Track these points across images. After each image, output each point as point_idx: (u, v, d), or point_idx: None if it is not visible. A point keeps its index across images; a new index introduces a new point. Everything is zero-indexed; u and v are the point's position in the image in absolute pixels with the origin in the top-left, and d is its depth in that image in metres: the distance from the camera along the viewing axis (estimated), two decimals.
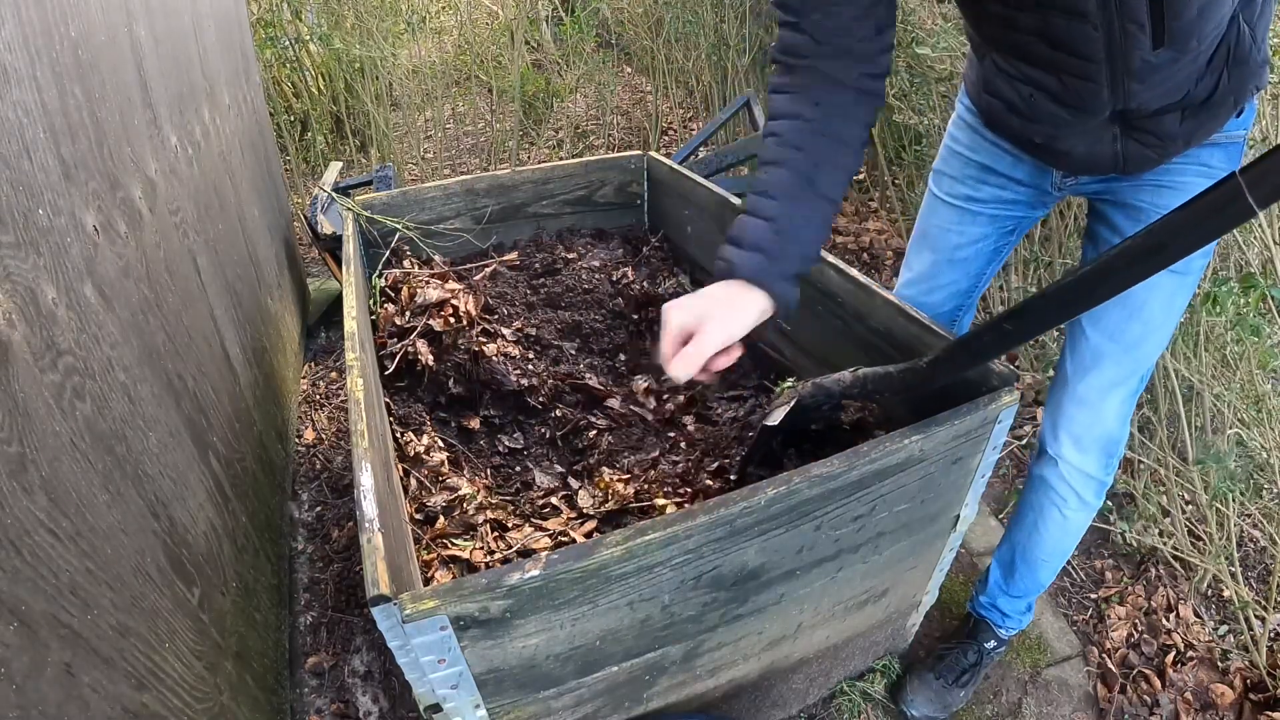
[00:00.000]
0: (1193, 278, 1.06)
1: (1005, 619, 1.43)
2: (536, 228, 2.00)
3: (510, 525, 1.21)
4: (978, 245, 1.24)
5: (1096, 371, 1.13)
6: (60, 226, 0.86)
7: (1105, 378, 1.13)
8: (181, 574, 1.03)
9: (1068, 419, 1.18)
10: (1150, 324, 1.08)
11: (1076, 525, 1.26)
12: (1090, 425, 1.16)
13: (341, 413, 2.23)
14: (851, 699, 1.40)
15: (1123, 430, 1.17)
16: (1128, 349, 1.10)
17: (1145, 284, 0.97)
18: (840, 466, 0.91)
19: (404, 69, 3.73)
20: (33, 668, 0.66)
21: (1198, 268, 1.06)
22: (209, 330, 1.42)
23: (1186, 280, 1.06)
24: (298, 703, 1.44)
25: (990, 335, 0.85)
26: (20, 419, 0.71)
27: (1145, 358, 1.11)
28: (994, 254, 1.27)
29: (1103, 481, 1.20)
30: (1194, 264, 1.05)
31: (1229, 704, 1.41)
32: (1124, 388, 1.13)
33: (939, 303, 1.32)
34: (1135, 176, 1.04)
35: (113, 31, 1.16)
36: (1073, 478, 1.20)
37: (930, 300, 1.32)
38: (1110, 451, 1.18)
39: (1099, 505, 1.24)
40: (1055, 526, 1.26)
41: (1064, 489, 1.22)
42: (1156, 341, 1.10)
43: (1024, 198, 1.17)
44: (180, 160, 1.44)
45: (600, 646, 0.92)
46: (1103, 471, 1.19)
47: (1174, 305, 1.07)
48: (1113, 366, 1.12)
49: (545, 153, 4.04)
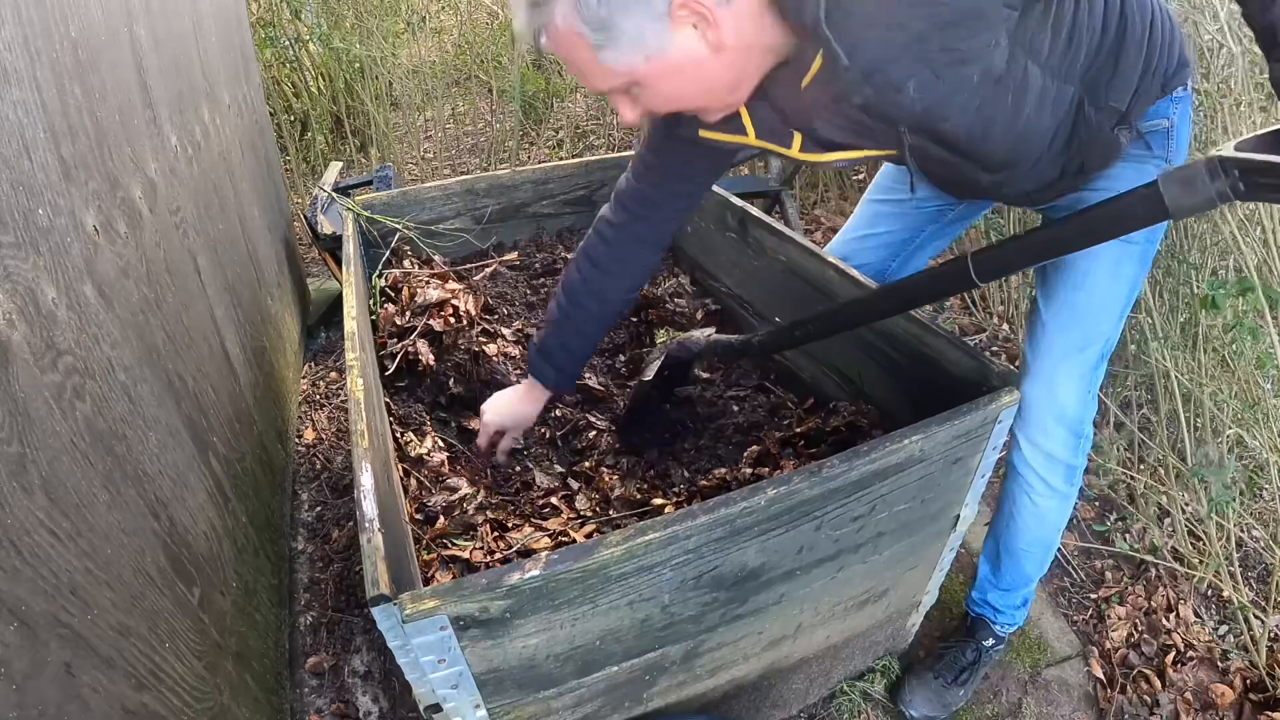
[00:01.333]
0: (1136, 249, 1.07)
1: (999, 614, 1.43)
2: (536, 228, 2.00)
3: (510, 525, 1.21)
4: (918, 200, 1.30)
5: (1047, 344, 1.15)
6: (60, 226, 0.86)
7: (1056, 349, 1.14)
8: (181, 574, 1.03)
9: (1026, 400, 1.17)
10: (1095, 292, 1.10)
11: (1050, 512, 1.25)
12: (1047, 402, 1.15)
13: (341, 413, 2.23)
14: (851, 699, 1.40)
15: (1083, 409, 1.16)
16: (1076, 318, 1.12)
17: (1088, 253, 1.05)
18: (840, 466, 0.91)
19: (404, 69, 3.73)
20: (33, 668, 0.66)
21: (1140, 238, 1.07)
22: (209, 330, 1.42)
23: (1129, 249, 1.07)
24: (298, 703, 1.44)
25: (808, 326, 1.16)
26: (20, 419, 0.71)
27: (1095, 329, 1.12)
28: (937, 214, 1.32)
29: (1071, 465, 1.19)
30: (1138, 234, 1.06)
31: (1229, 704, 1.41)
32: (1076, 361, 1.13)
33: (868, 250, 1.38)
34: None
35: (113, 31, 1.16)
36: (1037, 462, 1.20)
37: (863, 246, 1.38)
38: (1075, 431, 1.17)
39: (1072, 493, 1.23)
40: (1029, 514, 1.26)
41: (1030, 475, 1.21)
42: (1104, 310, 1.11)
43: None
44: (180, 160, 1.44)
45: (600, 646, 0.92)
46: (1070, 454, 1.18)
47: (1119, 274, 1.09)
48: (1062, 338, 1.13)
49: (545, 153, 4.04)
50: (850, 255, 1.40)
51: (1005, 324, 2.45)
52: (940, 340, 1.14)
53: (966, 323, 2.51)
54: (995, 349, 2.38)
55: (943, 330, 1.14)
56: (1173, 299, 1.54)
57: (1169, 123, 1.03)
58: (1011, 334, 2.39)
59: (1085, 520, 1.80)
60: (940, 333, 1.14)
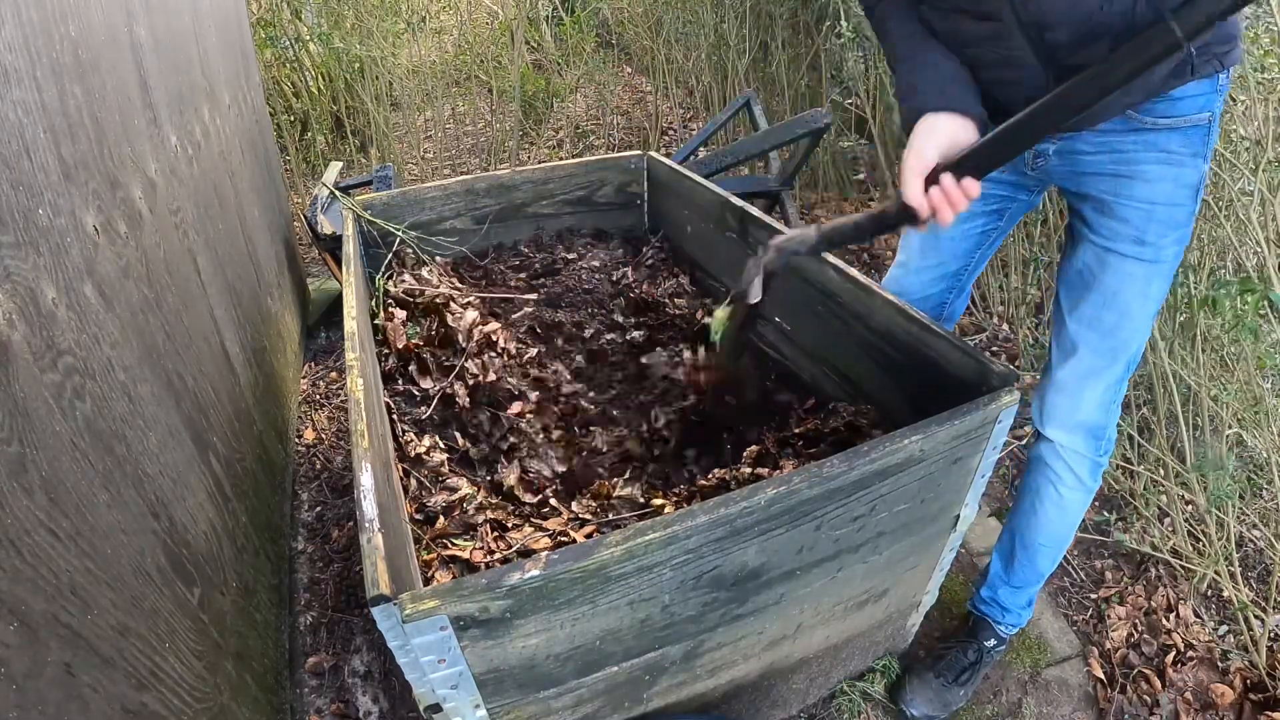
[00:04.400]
0: (1165, 266, 1.07)
1: (1005, 614, 1.43)
2: (536, 228, 2.00)
3: (510, 525, 1.21)
4: (964, 226, 1.26)
5: (1075, 359, 1.15)
6: (60, 226, 0.86)
7: (1083, 365, 1.14)
8: (181, 574, 1.03)
9: (1050, 405, 1.20)
10: (1124, 312, 1.09)
11: (1072, 505, 1.26)
12: (1071, 411, 1.17)
13: (341, 413, 2.23)
14: (851, 699, 1.40)
15: (1106, 417, 1.18)
16: (1104, 336, 1.12)
17: (1116, 273, 1.06)
18: (840, 466, 0.91)
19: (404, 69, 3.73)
20: (33, 668, 0.66)
21: (1169, 256, 1.06)
22: (209, 330, 1.42)
23: (1159, 269, 1.07)
24: (298, 703, 1.44)
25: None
26: (20, 419, 0.71)
27: (1123, 346, 1.12)
28: (982, 237, 1.28)
29: (1096, 462, 1.21)
30: (1164, 252, 1.05)
31: (1229, 704, 1.41)
32: (1103, 376, 1.14)
33: (926, 284, 1.34)
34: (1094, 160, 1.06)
35: (113, 31, 1.16)
36: (1067, 455, 1.21)
37: (918, 281, 1.34)
38: (1097, 435, 1.19)
39: (1094, 489, 1.25)
40: (1052, 506, 1.27)
41: (1060, 466, 1.23)
42: (1132, 329, 1.11)
43: (1004, 175, 1.19)
44: (180, 160, 1.44)
45: (600, 646, 0.92)
46: (1094, 452, 1.20)
47: (1148, 293, 1.08)
48: (1090, 354, 1.13)
49: (545, 153, 4.04)
50: (907, 292, 1.34)
51: (1005, 324, 2.45)
52: (940, 340, 1.14)
53: (966, 323, 2.51)
54: (995, 349, 2.38)
55: (943, 330, 1.14)
56: (1172, 298, 1.54)
57: (1210, 116, 1.00)
58: (1011, 334, 2.39)
59: (1086, 520, 1.80)
60: (940, 333, 1.14)
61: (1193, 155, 1.01)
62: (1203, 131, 1.00)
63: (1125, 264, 1.06)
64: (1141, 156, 1.02)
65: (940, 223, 0.98)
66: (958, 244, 1.29)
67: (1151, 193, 1.02)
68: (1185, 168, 1.01)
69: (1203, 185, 1.03)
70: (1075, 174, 1.10)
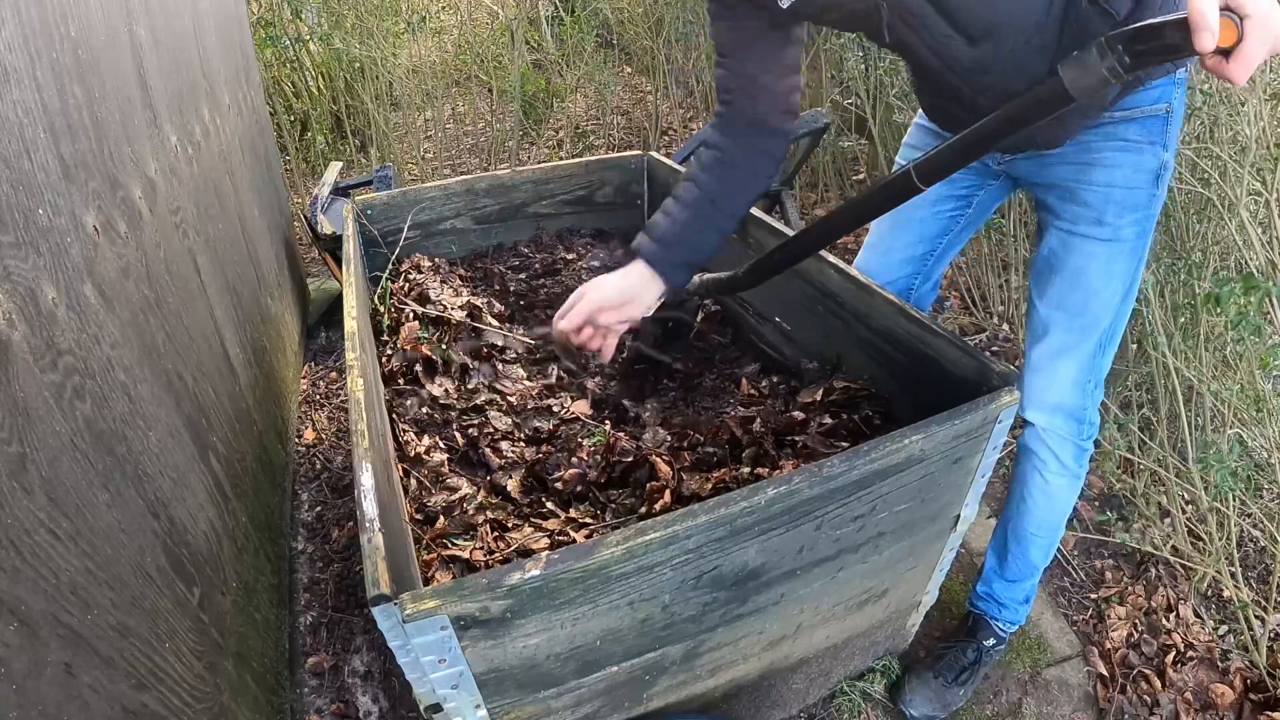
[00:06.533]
0: (1125, 245, 1.09)
1: (1002, 609, 1.43)
2: (536, 228, 1.99)
3: (510, 525, 1.21)
4: (933, 209, 1.30)
5: (1045, 340, 1.18)
6: (60, 226, 0.86)
7: (1053, 345, 1.17)
8: (181, 574, 1.03)
9: (1027, 387, 1.21)
10: (1090, 290, 1.12)
11: (1059, 492, 1.27)
12: (1045, 390, 1.19)
13: (341, 413, 2.23)
14: (851, 699, 1.40)
15: (1085, 398, 1.19)
16: (1072, 316, 1.15)
17: (1079, 254, 1.11)
18: (840, 466, 0.91)
19: (404, 69, 3.73)
20: (33, 668, 0.66)
21: (1129, 235, 1.09)
22: (209, 330, 1.42)
23: (1119, 247, 1.09)
24: (298, 703, 1.44)
25: (787, 248, 1.18)
26: (20, 419, 0.70)
27: (1092, 323, 1.14)
28: (950, 222, 1.32)
29: (1080, 446, 1.22)
30: (1123, 232, 1.08)
31: (1229, 704, 1.41)
32: (1074, 353, 1.16)
33: (893, 265, 1.37)
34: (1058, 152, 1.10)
35: (113, 31, 1.16)
36: (1049, 439, 1.22)
37: (886, 261, 1.37)
38: (1078, 417, 1.20)
39: (1081, 474, 1.26)
40: (1039, 493, 1.28)
41: (1044, 451, 1.24)
42: (1101, 306, 1.13)
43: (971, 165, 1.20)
44: (180, 160, 1.44)
45: (600, 646, 0.92)
46: (1076, 435, 1.21)
47: (1112, 270, 1.11)
48: (1060, 333, 1.17)
49: (545, 153, 4.04)
50: (875, 273, 1.36)
51: (1005, 324, 2.45)
52: (940, 340, 1.14)
53: (966, 323, 2.51)
54: (995, 349, 2.38)
55: (943, 330, 1.14)
56: (1174, 298, 1.54)
57: (1168, 107, 1.04)
58: (1011, 334, 2.39)
59: (1086, 519, 1.80)
60: (940, 333, 1.14)
61: (1150, 143, 1.05)
62: (1161, 121, 1.04)
63: (1087, 244, 1.11)
64: (1101, 145, 1.07)
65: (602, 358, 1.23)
66: (927, 225, 1.34)
67: (1110, 177, 1.06)
68: (1144, 154, 1.05)
69: (1166, 173, 1.07)
70: (1041, 166, 1.14)
